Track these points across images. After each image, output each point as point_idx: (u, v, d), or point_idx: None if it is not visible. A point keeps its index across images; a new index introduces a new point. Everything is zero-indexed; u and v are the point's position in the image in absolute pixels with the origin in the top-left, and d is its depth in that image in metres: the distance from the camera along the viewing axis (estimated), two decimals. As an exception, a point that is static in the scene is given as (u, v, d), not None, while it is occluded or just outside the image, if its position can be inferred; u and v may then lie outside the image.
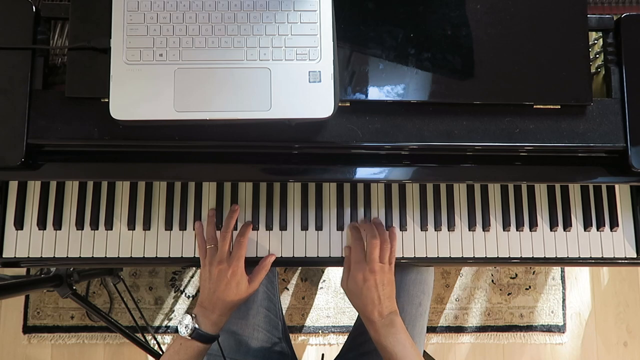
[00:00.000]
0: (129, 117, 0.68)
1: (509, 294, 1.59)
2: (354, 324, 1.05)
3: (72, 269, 1.16)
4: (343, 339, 1.40)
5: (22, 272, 1.47)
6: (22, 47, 0.72)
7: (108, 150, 0.77)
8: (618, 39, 0.77)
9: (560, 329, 1.59)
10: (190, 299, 1.54)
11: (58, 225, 0.85)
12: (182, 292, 1.55)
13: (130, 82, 0.69)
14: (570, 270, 1.62)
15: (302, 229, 0.87)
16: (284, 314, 1.51)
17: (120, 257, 0.85)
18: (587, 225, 0.88)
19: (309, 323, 1.55)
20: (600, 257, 0.88)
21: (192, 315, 0.79)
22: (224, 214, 0.86)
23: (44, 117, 0.72)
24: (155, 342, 1.49)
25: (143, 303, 1.54)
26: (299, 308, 1.56)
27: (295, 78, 0.70)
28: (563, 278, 1.61)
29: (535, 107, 0.75)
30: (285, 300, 1.55)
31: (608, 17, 0.78)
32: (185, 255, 0.86)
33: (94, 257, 0.85)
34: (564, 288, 1.60)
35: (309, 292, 1.57)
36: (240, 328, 0.95)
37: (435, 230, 0.88)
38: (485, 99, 0.74)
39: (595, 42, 0.79)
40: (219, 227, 0.86)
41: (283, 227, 0.87)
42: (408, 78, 0.73)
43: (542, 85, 0.74)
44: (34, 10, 0.73)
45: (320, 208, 0.88)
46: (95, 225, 0.85)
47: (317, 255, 0.87)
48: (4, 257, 0.84)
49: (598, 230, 0.89)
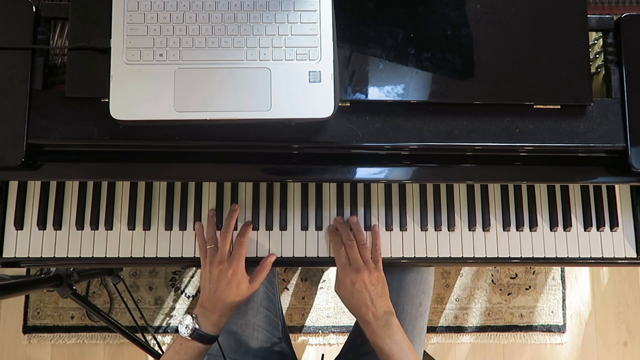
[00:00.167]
0: (129, 117, 0.68)
1: (509, 294, 1.59)
2: (354, 324, 1.05)
3: (72, 269, 1.16)
4: (343, 339, 1.40)
5: (22, 272, 1.47)
6: (22, 47, 0.72)
7: (108, 150, 0.77)
8: (618, 39, 0.77)
9: (560, 329, 1.59)
10: (190, 299, 1.54)
11: (58, 226, 0.85)
12: (182, 292, 1.55)
13: (130, 82, 0.69)
14: (570, 270, 1.62)
15: (302, 229, 0.87)
16: (284, 314, 1.51)
17: (120, 257, 0.85)
18: (587, 225, 0.88)
19: (309, 323, 1.55)
20: (600, 257, 0.88)
21: (192, 316, 0.79)
22: (224, 214, 0.86)
23: (44, 117, 0.72)
24: (155, 342, 1.49)
25: (143, 303, 1.54)
26: (299, 308, 1.56)
27: (295, 78, 0.70)
28: (563, 278, 1.61)
29: (535, 107, 0.75)
30: (285, 300, 1.55)
31: (608, 17, 0.78)
32: (185, 255, 0.86)
33: (94, 257, 0.85)
34: (564, 288, 1.60)
35: (309, 292, 1.57)
36: (240, 328, 0.95)
37: (435, 230, 0.88)
38: (485, 99, 0.74)
39: (595, 42, 0.79)
40: (219, 227, 0.86)
41: (283, 227, 0.87)
42: (408, 78, 0.73)
43: (542, 85, 0.74)
44: (34, 10, 0.73)
45: (320, 208, 0.88)
46: (95, 226, 0.85)
47: (317, 255, 0.87)
48: (4, 257, 0.84)
49: (598, 230, 0.89)
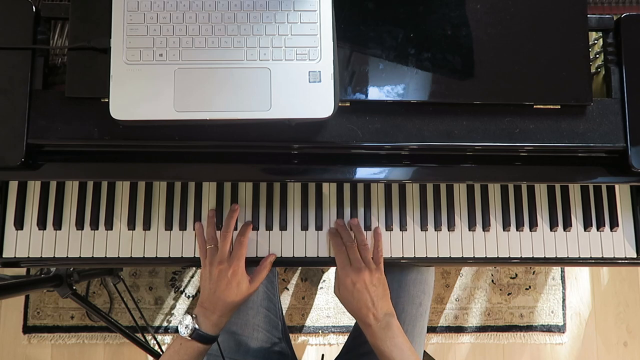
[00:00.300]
0: (129, 117, 0.68)
1: (509, 294, 1.59)
2: (354, 324, 1.05)
3: (72, 269, 1.16)
4: (343, 339, 1.40)
5: (22, 272, 1.47)
6: (22, 47, 0.72)
7: (108, 150, 0.77)
8: (618, 39, 0.77)
9: (560, 329, 1.59)
10: (190, 299, 1.54)
11: (58, 225, 0.85)
12: (182, 292, 1.55)
13: (130, 82, 0.69)
14: (570, 270, 1.62)
15: (302, 229, 0.87)
16: (284, 314, 1.51)
17: (120, 257, 0.85)
18: (587, 225, 0.88)
19: (309, 323, 1.55)
20: (600, 257, 0.88)
21: (192, 316, 0.79)
22: (224, 214, 0.86)
23: (44, 117, 0.72)
24: (155, 342, 1.49)
25: (143, 303, 1.54)
26: (299, 308, 1.56)
27: (295, 78, 0.70)
28: (563, 278, 1.61)
29: (535, 107, 0.75)
30: (285, 300, 1.55)
31: (608, 17, 0.78)
32: (185, 255, 0.86)
33: (94, 257, 0.85)
34: (564, 288, 1.60)
35: (309, 292, 1.57)
36: (240, 328, 0.95)
37: (435, 230, 0.88)
38: (485, 99, 0.74)
39: (595, 42, 0.79)
40: (219, 227, 0.86)
41: (283, 227, 0.87)
42: (408, 78, 0.73)
43: (542, 85, 0.74)
44: (34, 10, 0.73)
45: (320, 208, 0.88)
46: (95, 225, 0.85)
47: (317, 255, 0.87)
48: (4, 257, 0.84)
49: (598, 230, 0.89)
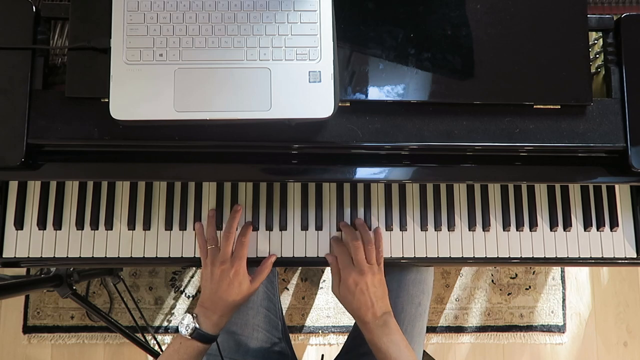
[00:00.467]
0: (129, 117, 0.68)
1: (509, 294, 1.59)
2: (354, 324, 1.05)
3: (72, 269, 1.16)
4: (343, 339, 1.40)
5: (22, 272, 1.47)
6: (22, 47, 0.72)
7: (108, 150, 0.77)
8: (618, 39, 0.77)
9: (560, 329, 1.59)
10: (190, 299, 1.54)
11: (58, 225, 0.85)
12: (182, 292, 1.55)
13: (130, 82, 0.69)
14: (570, 270, 1.62)
15: (302, 229, 0.87)
16: (284, 314, 1.51)
17: (120, 257, 0.85)
18: (587, 225, 0.88)
19: (309, 323, 1.55)
20: (600, 257, 0.88)
21: (193, 315, 0.79)
22: (224, 214, 0.86)
23: (44, 117, 0.72)
24: (155, 342, 1.49)
25: (143, 303, 1.54)
26: (299, 308, 1.56)
27: (295, 78, 0.70)
28: (563, 278, 1.61)
29: (535, 107, 0.75)
30: (285, 300, 1.55)
31: (608, 17, 0.78)
32: (185, 255, 0.86)
33: (94, 257, 0.85)
34: (564, 288, 1.60)
35: (309, 292, 1.57)
36: (240, 328, 0.95)
37: (435, 230, 0.88)
38: (485, 99, 0.74)
39: (595, 42, 0.79)
40: (220, 227, 0.86)
41: (283, 227, 0.87)
42: (408, 78, 0.73)
43: (542, 85, 0.74)
44: (34, 10, 0.73)
45: (320, 208, 0.88)
46: (95, 226, 0.85)
47: (317, 255, 0.87)
48: (4, 257, 0.84)
49: (598, 230, 0.89)
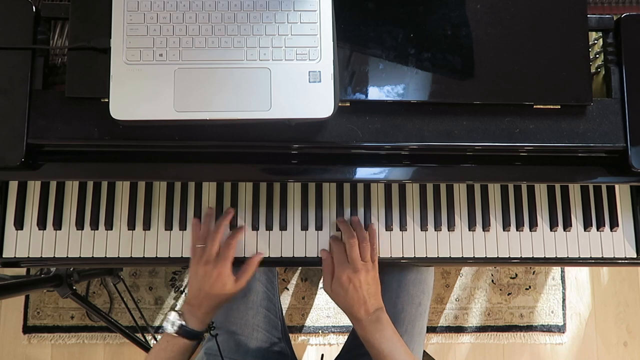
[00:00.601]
0: (129, 117, 0.68)
1: (509, 294, 1.59)
2: (354, 324, 1.05)
3: (72, 269, 1.16)
4: (343, 339, 1.40)
5: (22, 272, 1.47)
6: (22, 47, 0.72)
7: (108, 150, 0.77)
8: (618, 39, 0.77)
9: (560, 329, 1.59)
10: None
11: (58, 225, 0.85)
12: (182, 292, 1.55)
13: (130, 82, 0.69)
14: (570, 270, 1.62)
15: (302, 229, 0.87)
16: (284, 314, 1.51)
17: (120, 257, 0.85)
18: (587, 225, 0.88)
19: (309, 323, 1.55)
20: (600, 257, 0.88)
21: (178, 313, 0.80)
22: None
23: (44, 117, 0.72)
24: (155, 342, 1.49)
25: (143, 303, 1.54)
26: (299, 308, 1.56)
27: (295, 78, 0.70)
28: (563, 278, 1.61)
29: (535, 107, 0.75)
30: (285, 300, 1.55)
31: (608, 17, 0.78)
32: (185, 255, 0.86)
33: (94, 257, 0.85)
34: (564, 288, 1.60)
35: (309, 292, 1.57)
36: (240, 328, 0.95)
37: (435, 230, 0.88)
38: (485, 99, 0.74)
39: (595, 42, 0.79)
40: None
41: (283, 227, 0.87)
42: (408, 78, 0.73)
43: (542, 85, 0.74)
44: (34, 10, 0.73)
45: (320, 208, 0.88)
46: (95, 225, 0.85)
47: (317, 256, 0.87)
48: (4, 257, 0.84)
49: (598, 230, 0.89)
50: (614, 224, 0.89)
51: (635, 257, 0.88)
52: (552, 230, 0.89)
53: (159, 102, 0.68)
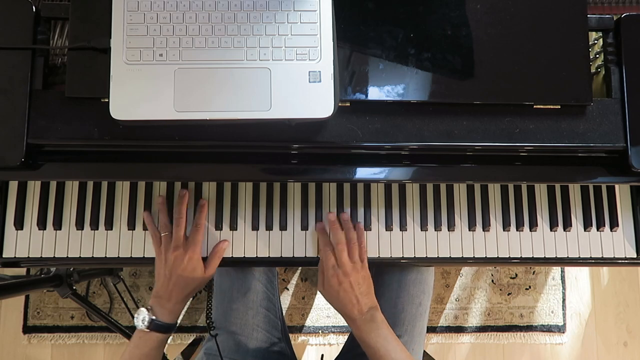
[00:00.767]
0: (129, 117, 0.68)
1: (509, 294, 1.59)
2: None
3: (72, 269, 1.16)
4: (343, 339, 1.41)
5: (22, 272, 1.47)
6: (22, 47, 0.72)
7: (108, 150, 0.77)
8: (618, 39, 0.77)
9: (560, 329, 1.59)
10: (190, 299, 1.54)
11: (58, 225, 0.85)
12: (182, 292, 1.54)
13: (130, 82, 0.69)
14: (570, 270, 1.62)
15: (302, 229, 0.87)
16: (284, 314, 1.51)
17: (120, 257, 0.85)
18: (587, 225, 0.88)
19: (309, 323, 1.55)
20: (600, 257, 0.88)
21: (147, 308, 0.79)
22: (224, 213, 0.86)
23: (44, 117, 0.72)
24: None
25: (143, 303, 1.53)
26: (299, 308, 1.56)
27: (295, 78, 0.70)
28: (563, 278, 1.61)
29: (535, 107, 0.75)
30: (285, 300, 1.55)
31: (608, 17, 0.78)
32: (185, 255, 0.86)
33: (94, 257, 0.85)
34: (564, 288, 1.60)
35: (309, 292, 1.57)
36: (240, 328, 0.95)
37: (435, 230, 0.88)
38: (485, 99, 0.74)
39: (595, 42, 0.79)
40: (219, 227, 0.86)
41: (283, 227, 0.87)
42: (408, 78, 0.73)
43: (542, 85, 0.74)
44: (34, 10, 0.73)
45: (320, 208, 0.88)
46: (95, 225, 0.85)
47: (317, 256, 0.87)
48: (4, 257, 0.84)
49: (598, 230, 0.89)
50: (614, 224, 0.89)
51: (635, 257, 0.88)
52: (552, 230, 0.89)
53: (159, 102, 0.68)
